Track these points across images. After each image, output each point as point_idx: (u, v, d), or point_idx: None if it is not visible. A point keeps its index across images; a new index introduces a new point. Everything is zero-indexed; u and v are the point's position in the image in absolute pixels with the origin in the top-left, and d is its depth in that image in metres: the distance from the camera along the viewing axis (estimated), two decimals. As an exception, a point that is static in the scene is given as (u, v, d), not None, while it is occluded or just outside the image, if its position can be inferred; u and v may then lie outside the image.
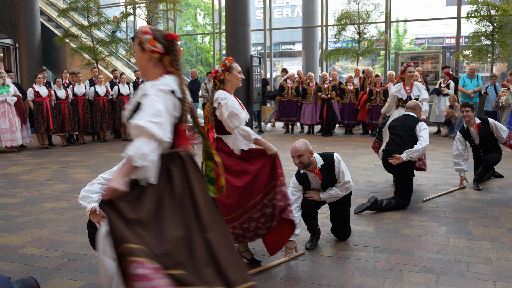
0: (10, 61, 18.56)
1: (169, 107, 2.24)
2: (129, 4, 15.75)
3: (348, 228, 4.22)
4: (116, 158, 9.00)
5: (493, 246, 3.98)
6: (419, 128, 5.19)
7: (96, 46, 13.09)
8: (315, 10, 17.77)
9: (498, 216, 4.81)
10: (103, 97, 11.43)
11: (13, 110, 9.93)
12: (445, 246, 3.99)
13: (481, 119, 6.04)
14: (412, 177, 5.23)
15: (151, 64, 2.38)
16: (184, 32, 27.33)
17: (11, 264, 3.76)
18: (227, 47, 12.78)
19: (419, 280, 3.34)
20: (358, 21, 13.10)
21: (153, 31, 2.38)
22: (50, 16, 16.20)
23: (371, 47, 13.27)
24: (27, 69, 14.26)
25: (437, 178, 6.56)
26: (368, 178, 6.70)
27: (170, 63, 2.39)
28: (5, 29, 15.88)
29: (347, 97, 11.81)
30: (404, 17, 22.74)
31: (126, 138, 11.80)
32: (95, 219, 2.81)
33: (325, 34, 15.12)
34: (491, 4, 11.28)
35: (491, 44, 11.48)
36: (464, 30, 13.46)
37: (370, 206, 4.99)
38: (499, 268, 3.51)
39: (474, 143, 6.10)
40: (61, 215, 5.16)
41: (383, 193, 5.74)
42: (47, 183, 6.87)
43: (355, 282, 3.33)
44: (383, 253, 3.86)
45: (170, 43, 2.38)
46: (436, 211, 5.05)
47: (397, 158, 4.99)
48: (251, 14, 13.11)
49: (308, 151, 3.86)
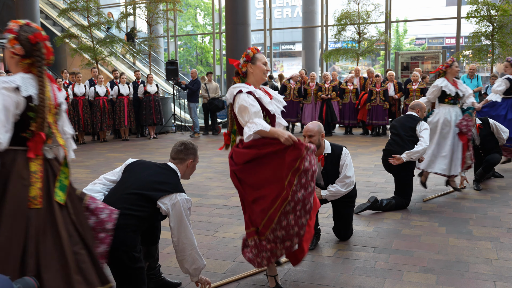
0: (10, 61, 18.55)
1: (9, 105, 2.18)
2: (129, 4, 15.76)
3: (350, 229, 4.22)
4: (116, 158, 9.00)
5: (493, 246, 3.98)
6: (420, 128, 5.18)
7: (96, 46, 13.09)
8: (315, 10, 17.76)
9: (498, 216, 4.81)
10: (103, 97, 11.43)
11: (13, 110, 9.92)
12: (445, 246, 3.99)
13: (481, 119, 6.04)
14: (412, 177, 5.23)
15: (13, 61, 2.33)
16: (184, 32, 27.35)
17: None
18: (227, 47, 12.78)
19: (419, 280, 3.34)
20: (358, 21, 13.10)
21: (19, 30, 2.30)
22: (50, 16, 16.20)
23: (371, 47, 13.27)
24: (27, 69, 14.24)
25: (437, 178, 6.55)
26: (368, 178, 6.70)
27: (32, 66, 2.31)
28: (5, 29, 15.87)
29: (347, 97, 11.81)
30: (404, 17, 22.74)
31: (126, 138, 11.81)
32: None
33: (325, 34, 15.12)
34: (491, 4, 11.28)
35: (491, 44, 11.48)
36: (464, 30, 13.46)
37: (370, 206, 4.99)
38: (499, 268, 3.51)
39: (475, 144, 6.09)
40: (61, 215, 5.15)
41: (383, 193, 5.74)
42: (47, 183, 6.86)
43: (355, 282, 3.33)
44: (383, 253, 3.86)
45: (34, 47, 2.30)
46: (436, 211, 5.05)
47: (397, 159, 4.99)
48: (251, 14, 13.11)
49: (320, 133, 3.94)
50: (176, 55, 17.54)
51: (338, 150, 4.06)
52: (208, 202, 5.58)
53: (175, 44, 17.84)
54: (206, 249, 3.97)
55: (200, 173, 7.17)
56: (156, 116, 11.97)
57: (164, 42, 18.55)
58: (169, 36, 17.39)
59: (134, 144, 11.06)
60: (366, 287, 3.25)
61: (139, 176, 2.99)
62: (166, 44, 18.68)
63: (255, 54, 3.18)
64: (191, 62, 28.64)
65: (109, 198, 2.94)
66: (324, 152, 4.02)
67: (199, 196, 5.90)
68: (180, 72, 15.34)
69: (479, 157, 6.18)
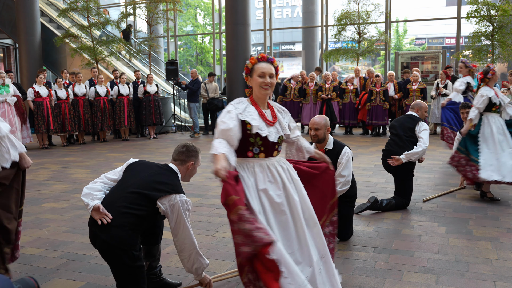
0: (10, 61, 18.56)
1: None
2: (129, 4, 15.76)
3: (350, 229, 4.23)
4: (116, 158, 9.00)
5: (493, 246, 3.98)
6: (419, 128, 5.18)
7: (96, 46, 13.09)
8: (315, 10, 17.77)
9: (498, 216, 4.82)
10: (103, 97, 11.43)
11: (13, 110, 9.92)
12: (445, 246, 3.99)
13: None
14: (412, 177, 5.23)
15: None
16: (184, 32, 27.35)
17: (11, 264, 3.75)
18: (227, 47, 12.78)
19: (419, 280, 3.34)
20: (358, 21, 13.10)
21: None
22: (50, 16, 16.20)
23: (371, 47, 13.27)
24: (27, 69, 14.26)
25: (437, 178, 6.56)
26: (368, 178, 6.70)
27: None
28: (5, 29, 15.88)
29: (347, 97, 11.81)
30: (404, 17, 22.75)
31: (126, 138, 11.81)
32: (97, 216, 2.81)
33: (325, 34, 15.12)
34: (491, 4, 11.28)
35: (491, 44, 11.48)
36: (464, 30, 13.46)
37: (370, 206, 4.99)
38: (499, 268, 3.51)
39: (475, 144, 6.08)
40: (61, 215, 5.16)
41: (383, 193, 5.74)
42: (47, 183, 6.87)
43: (355, 282, 3.33)
44: (383, 253, 3.86)
45: None
46: (436, 211, 5.05)
47: (396, 160, 4.99)
48: (251, 14, 13.11)
49: (326, 127, 4.03)
50: (176, 55, 17.54)
51: (339, 148, 4.09)
52: (208, 202, 5.58)
53: (175, 44, 17.85)
54: (206, 249, 3.98)
55: (200, 173, 7.17)
56: (155, 116, 11.96)
57: (164, 42, 18.56)
58: (169, 36, 17.39)
59: (134, 144, 11.06)
60: (366, 287, 3.25)
61: (139, 176, 3.00)
62: (166, 44, 18.69)
63: (254, 65, 2.74)
64: (191, 62, 28.65)
65: (110, 197, 2.95)
66: (325, 147, 4.06)
67: (199, 196, 5.90)
68: (180, 72, 15.34)
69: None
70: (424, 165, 7.47)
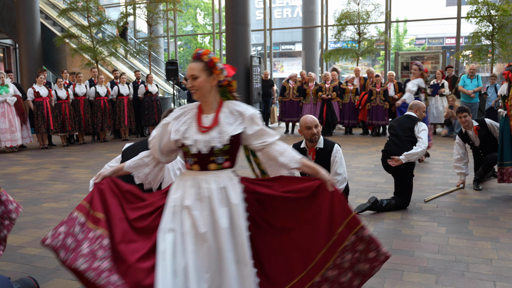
0: (10, 61, 18.55)
1: None
2: (129, 4, 15.76)
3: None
4: (116, 158, 8.99)
5: (493, 246, 3.98)
6: (418, 129, 5.18)
7: (96, 46, 13.09)
8: (315, 10, 17.77)
9: (498, 216, 4.81)
10: (104, 97, 11.44)
11: (12, 110, 9.93)
12: (445, 246, 3.99)
13: (478, 121, 6.02)
14: (412, 177, 5.23)
15: None
16: (184, 32, 27.35)
17: (11, 264, 3.76)
18: (227, 47, 12.79)
19: (419, 280, 3.34)
20: (358, 21, 13.10)
21: None
22: (50, 16, 16.20)
23: (371, 47, 13.27)
24: (27, 69, 14.27)
25: (437, 178, 6.56)
26: (368, 178, 6.70)
27: None
28: (5, 29, 15.88)
29: (347, 97, 11.81)
30: (404, 17, 22.75)
31: (126, 138, 11.81)
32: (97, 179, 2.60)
33: (325, 34, 15.13)
34: (491, 4, 11.28)
35: (491, 44, 11.48)
36: (464, 30, 13.47)
37: (370, 206, 4.98)
38: (499, 268, 3.51)
39: (474, 146, 6.09)
40: (61, 215, 5.16)
41: (383, 193, 5.74)
42: (47, 183, 6.87)
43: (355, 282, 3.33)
44: (383, 253, 3.85)
45: None
46: (436, 211, 5.05)
47: (396, 160, 4.99)
48: (251, 14, 13.12)
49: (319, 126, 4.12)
50: (176, 55, 17.55)
51: (330, 146, 4.09)
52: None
53: (175, 44, 17.85)
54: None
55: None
56: (158, 116, 11.99)
57: (164, 42, 18.56)
58: (169, 36, 17.39)
59: (134, 144, 11.04)
60: (366, 287, 3.25)
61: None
62: (166, 44, 18.69)
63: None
64: (191, 62, 28.64)
65: None
66: (316, 146, 4.05)
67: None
68: (180, 72, 15.34)
69: (479, 157, 6.18)
70: (424, 165, 7.47)
